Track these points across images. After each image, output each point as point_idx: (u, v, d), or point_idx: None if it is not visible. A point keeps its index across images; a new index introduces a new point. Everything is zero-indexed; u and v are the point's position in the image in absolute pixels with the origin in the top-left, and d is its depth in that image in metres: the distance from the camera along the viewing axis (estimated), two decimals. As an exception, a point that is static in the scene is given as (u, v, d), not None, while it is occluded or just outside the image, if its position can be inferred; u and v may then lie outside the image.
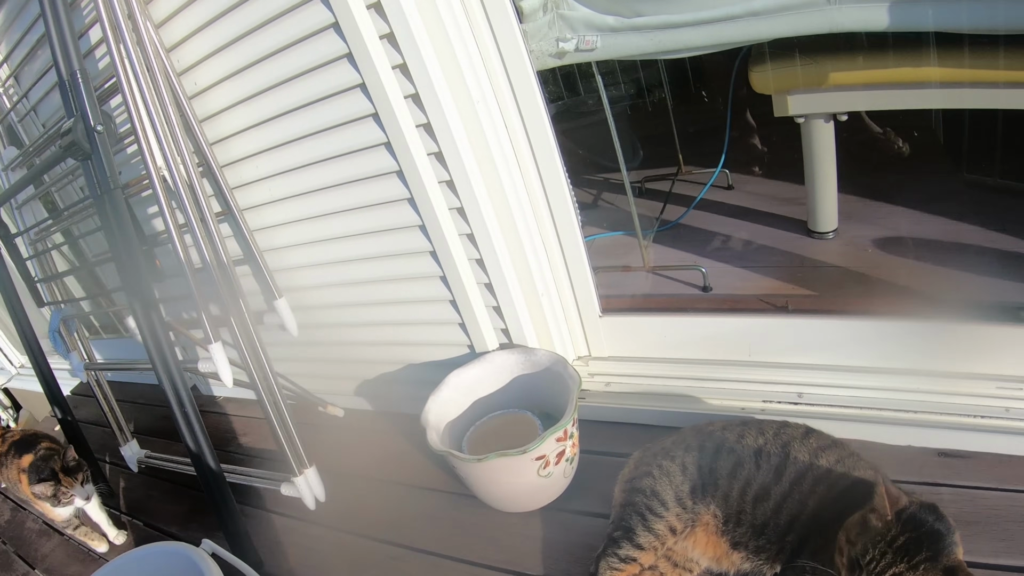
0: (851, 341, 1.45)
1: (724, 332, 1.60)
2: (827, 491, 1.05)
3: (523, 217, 1.56)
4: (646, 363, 1.70)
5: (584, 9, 1.51)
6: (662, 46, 1.47)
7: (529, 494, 1.42)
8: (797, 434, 1.17)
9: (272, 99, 1.53)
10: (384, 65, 1.34)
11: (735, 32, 1.38)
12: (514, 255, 1.58)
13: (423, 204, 1.49)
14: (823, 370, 1.47)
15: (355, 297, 1.80)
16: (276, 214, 1.75)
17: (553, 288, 1.68)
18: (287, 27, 1.39)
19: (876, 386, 1.39)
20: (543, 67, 1.60)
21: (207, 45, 1.54)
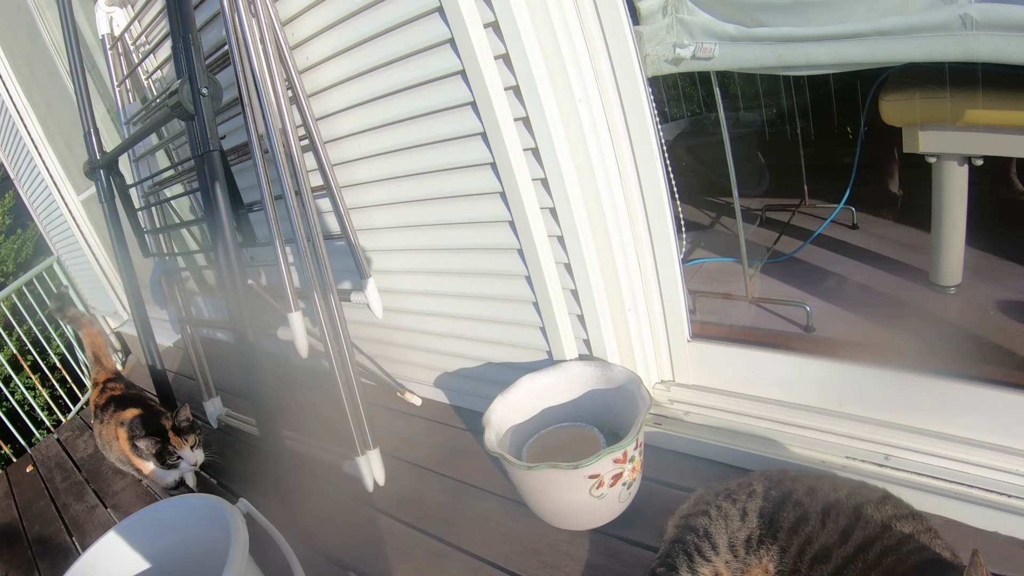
0: (952, 405, 1.29)
1: (816, 376, 1.47)
2: (895, 564, 0.94)
3: (617, 226, 1.49)
4: (729, 397, 1.59)
5: (704, 15, 1.42)
6: (783, 60, 1.35)
7: (580, 512, 1.36)
8: (873, 497, 1.07)
9: (379, 79, 1.54)
10: (486, 54, 1.32)
11: (861, 52, 1.25)
12: (604, 264, 1.51)
13: (514, 200, 1.46)
14: (916, 433, 1.32)
15: (440, 287, 1.80)
16: (373, 194, 1.77)
17: (643, 305, 1.60)
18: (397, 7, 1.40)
19: (971, 460, 1.24)
20: (658, 73, 1.53)
21: (321, 21, 1.58)
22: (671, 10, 1.46)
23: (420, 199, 1.67)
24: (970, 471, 1.21)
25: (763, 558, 1.05)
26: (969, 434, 1.27)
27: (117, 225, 1.98)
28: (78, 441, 2.85)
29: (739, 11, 1.38)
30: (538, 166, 1.42)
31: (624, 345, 1.60)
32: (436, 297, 1.86)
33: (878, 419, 1.39)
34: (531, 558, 1.39)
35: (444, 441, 1.88)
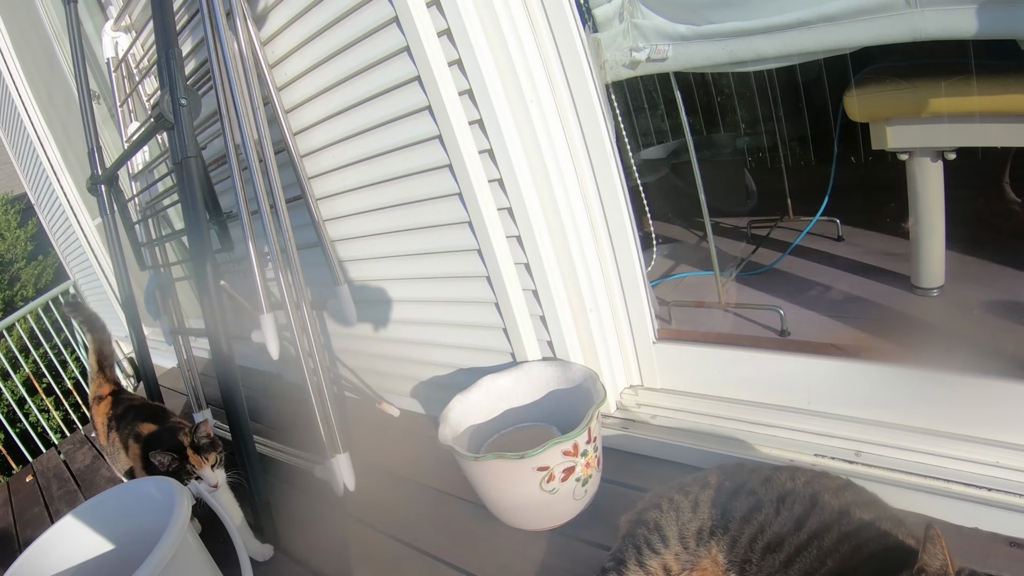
0: (927, 399, 1.27)
1: (783, 373, 1.46)
2: (852, 552, 0.91)
3: (574, 227, 1.53)
4: (697, 399, 1.59)
5: (657, 18, 1.48)
6: (734, 55, 1.39)
7: (533, 508, 1.36)
8: (832, 485, 1.04)
9: (347, 91, 1.64)
10: (439, 57, 1.40)
11: (809, 40, 1.28)
12: (563, 264, 1.55)
13: (471, 201, 1.51)
14: (888, 428, 1.30)
15: (409, 293, 1.85)
16: (345, 204, 1.85)
17: (605, 305, 1.62)
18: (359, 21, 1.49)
19: (947, 454, 1.20)
20: (617, 77, 1.59)
21: (295, 39, 1.67)
22: (626, 16, 1.52)
23: (386, 206, 1.74)
24: (947, 465, 1.18)
25: (712, 549, 1.03)
26: (945, 427, 1.24)
27: (116, 239, 2.08)
28: (77, 453, 2.95)
29: (689, 11, 1.43)
30: (493, 167, 1.47)
31: (588, 347, 1.62)
32: (406, 304, 1.91)
33: (848, 415, 1.37)
34: (487, 558, 1.39)
35: (418, 450, 1.90)
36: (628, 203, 1.55)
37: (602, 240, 1.57)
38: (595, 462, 1.38)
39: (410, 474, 1.79)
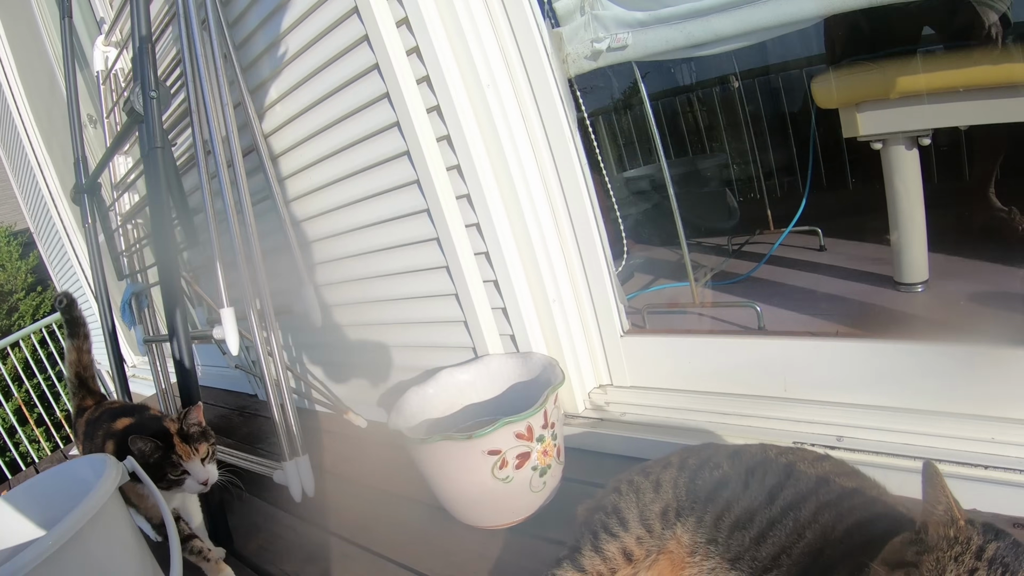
0: (911, 376, 1.20)
1: (757, 359, 1.41)
2: (835, 522, 0.83)
3: (535, 217, 1.52)
4: (668, 394, 1.53)
5: (616, 8, 1.49)
6: (692, 38, 1.39)
7: (487, 501, 1.29)
8: (809, 456, 0.97)
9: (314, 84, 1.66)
10: (390, 29, 1.42)
11: (766, 15, 1.28)
12: (524, 254, 1.53)
13: (429, 190, 1.51)
14: (871, 410, 1.23)
15: (372, 292, 1.84)
16: (314, 201, 1.85)
17: (569, 297, 1.59)
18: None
19: (937, 432, 1.13)
20: (580, 70, 1.59)
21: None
22: (587, 8, 1.54)
23: (349, 201, 1.76)
24: (938, 445, 1.11)
25: (677, 529, 0.95)
26: (933, 405, 1.17)
27: (96, 249, 2.10)
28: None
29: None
30: (452, 155, 1.47)
31: (553, 343, 1.58)
32: (368, 305, 1.89)
33: (827, 400, 1.31)
34: (440, 558, 1.32)
35: (382, 458, 1.85)
36: (592, 196, 1.54)
37: (565, 232, 1.56)
38: (554, 451, 1.31)
39: (371, 481, 1.74)
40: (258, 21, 1.71)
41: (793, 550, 0.82)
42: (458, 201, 1.51)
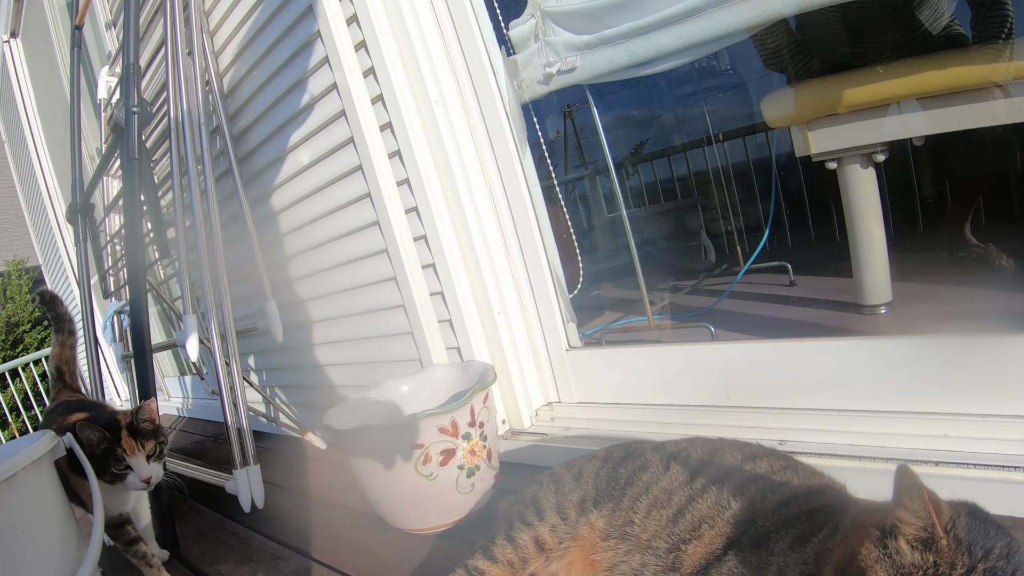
0: (858, 373, 1.21)
1: (698, 366, 1.43)
2: (765, 492, 0.81)
3: (482, 232, 1.59)
4: (612, 408, 1.56)
5: (565, 33, 1.59)
6: (635, 56, 1.47)
7: (413, 500, 1.30)
8: (737, 442, 0.95)
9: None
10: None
11: (703, 29, 1.34)
12: (469, 266, 1.59)
13: (379, 203, 1.59)
14: (814, 412, 1.24)
15: (328, 310, 1.92)
16: (283, 222, 1.96)
17: (515, 310, 1.64)
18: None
19: (886, 431, 1.12)
20: (533, 95, 1.68)
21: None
22: (540, 35, 1.63)
23: (312, 219, 1.86)
24: (886, 443, 1.09)
25: (591, 515, 0.93)
26: (880, 405, 1.17)
27: (85, 268, 2.21)
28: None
29: (591, 21, 1.54)
30: (401, 168, 1.56)
31: (497, 354, 1.61)
32: (327, 323, 1.97)
33: (769, 406, 1.33)
34: (368, 560, 1.34)
35: (335, 475, 1.88)
36: (539, 214, 1.61)
37: (512, 248, 1.62)
38: (483, 453, 1.33)
39: (319, 494, 1.78)
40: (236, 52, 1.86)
41: (716, 520, 0.81)
42: (407, 215, 1.59)
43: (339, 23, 1.53)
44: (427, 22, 1.54)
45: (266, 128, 1.87)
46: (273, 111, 1.81)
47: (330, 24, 1.52)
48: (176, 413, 3.53)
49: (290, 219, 1.91)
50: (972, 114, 1.43)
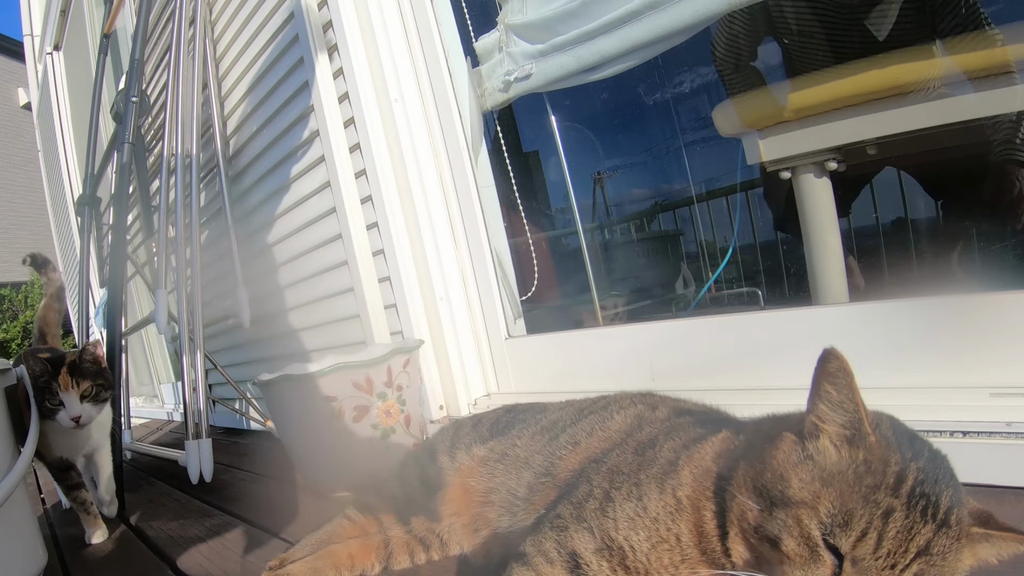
0: (775, 355, 1.25)
1: (626, 348, 1.49)
2: (654, 405, 0.85)
3: (429, 222, 1.71)
4: (546, 396, 1.58)
5: (524, 43, 1.72)
6: (582, 61, 1.58)
7: (330, 455, 1.37)
8: (645, 392, 0.96)
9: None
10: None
11: (642, 31, 1.44)
12: (416, 253, 1.69)
13: (336, 193, 1.72)
14: (732, 391, 1.26)
15: (289, 300, 2.07)
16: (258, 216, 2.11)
17: (459, 296, 1.73)
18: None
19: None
20: (495, 103, 1.81)
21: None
22: (503, 46, 1.77)
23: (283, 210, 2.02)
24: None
25: (473, 448, 0.98)
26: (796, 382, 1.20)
27: (87, 257, 2.40)
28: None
29: (544, 30, 1.67)
30: (360, 160, 1.70)
31: (438, 339, 1.69)
32: (288, 313, 2.10)
33: (694, 387, 1.34)
34: (280, 516, 1.38)
35: (281, 455, 1.94)
36: (484, 211, 1.74)
37: (460, 239, 1.72)
38: (400, 417, 1.39)
39: (264, 471, 1.86)
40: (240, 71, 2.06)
41: (596, 431, 0.83)
42: (362, 205, 1.72)
43: (316, 22, 1.72)
44: (395, 30, 1.71)
45: (250, 131, 2.05)
46: (256, 115, 2.00)
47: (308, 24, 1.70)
48: (167, 417, 3.68)
49: (263, 215, 2.06)
50: (919, 115, 1.44)
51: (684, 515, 0.63)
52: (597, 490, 0.70)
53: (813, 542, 0.53)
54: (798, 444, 0.58)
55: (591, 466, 0.77)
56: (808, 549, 0.53)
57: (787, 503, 0.55)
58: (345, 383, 1.32)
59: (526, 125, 2.57)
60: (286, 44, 1.82)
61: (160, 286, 1.83)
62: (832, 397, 0.56)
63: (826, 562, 0.53)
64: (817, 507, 0.54)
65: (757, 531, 0.57)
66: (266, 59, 1.92)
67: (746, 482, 0.59)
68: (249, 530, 1.35)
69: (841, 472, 0.55)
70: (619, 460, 0.74)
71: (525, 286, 1.84)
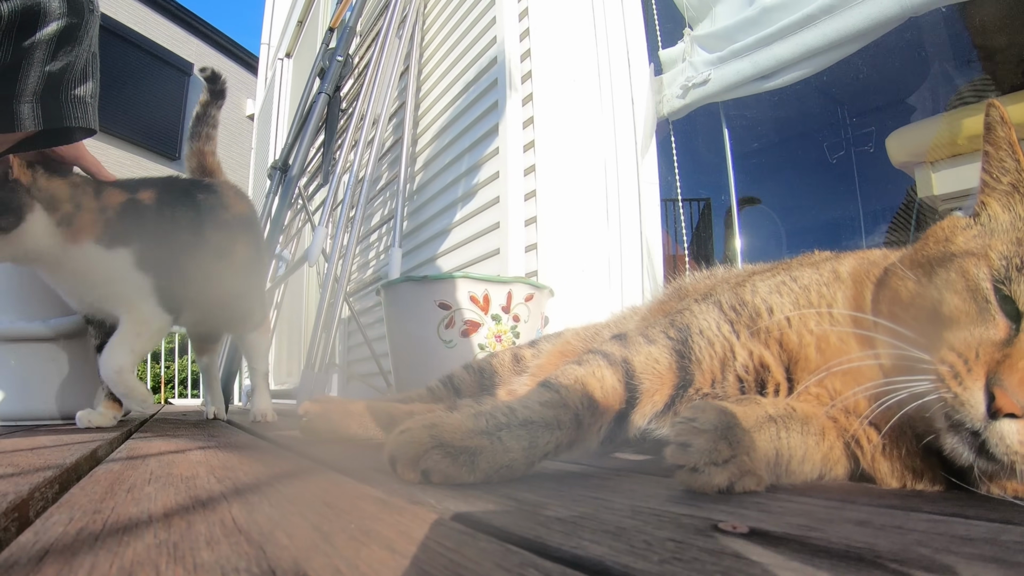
0: None
1: None
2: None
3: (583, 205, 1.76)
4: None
5: (704, 52, 1.79)
6: (759, 66, 1.62)
7: (429, 363, 1.39)
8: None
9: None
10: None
11: (816, 36, 1.47)
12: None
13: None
14: None
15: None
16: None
17: (602, 276, 1.74)
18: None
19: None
20: (672, 109, 1.88)
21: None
22: (686, 56, 1.85)
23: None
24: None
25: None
26: None
27: (268, 214, 2.69)
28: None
29: (724, 39, 1.74)
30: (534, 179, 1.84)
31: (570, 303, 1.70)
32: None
33: None
34: (342, 455, 1.40)
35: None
36: (640, 200, 1.76)
37: (612, 222, 1.76)
38: (510, 348, 1.39)
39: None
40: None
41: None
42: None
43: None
44: (585, 54, 1.91)
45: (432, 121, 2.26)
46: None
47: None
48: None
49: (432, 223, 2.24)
50: None
51: (842, 286, 0.60)
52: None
53: (981, 295, 0.47)
54: (963, 216, 0.55)
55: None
56: (975, 304, 0.47)
57: (950, 258, 0.50)
58: (462, 293, 1.35)
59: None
60: (484, 88, 2.05)
61: (323, 223, 2.02)
62: (992, 156, 0.52)
63: (998, 323, 0.46)
64: (988, 254, 0.48)
65: (912, 307, 0.52)
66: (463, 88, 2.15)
67: (904, 261, 0.55)
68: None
69: (1013, 226, 0.50)
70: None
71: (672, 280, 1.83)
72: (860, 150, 2.53)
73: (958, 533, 0.36)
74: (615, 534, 0.34)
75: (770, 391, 0.59)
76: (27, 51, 0.71)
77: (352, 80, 2.45)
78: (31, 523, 0.36)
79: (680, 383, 0.60)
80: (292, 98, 4.30)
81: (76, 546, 0.31)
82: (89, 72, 0.80)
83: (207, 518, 0.37)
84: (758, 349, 0.59)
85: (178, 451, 0.78)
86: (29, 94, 0.73)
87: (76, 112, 0.79)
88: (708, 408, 0.49)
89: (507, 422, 0.52)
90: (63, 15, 0.72)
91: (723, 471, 0.46)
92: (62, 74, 0.75)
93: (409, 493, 0.46)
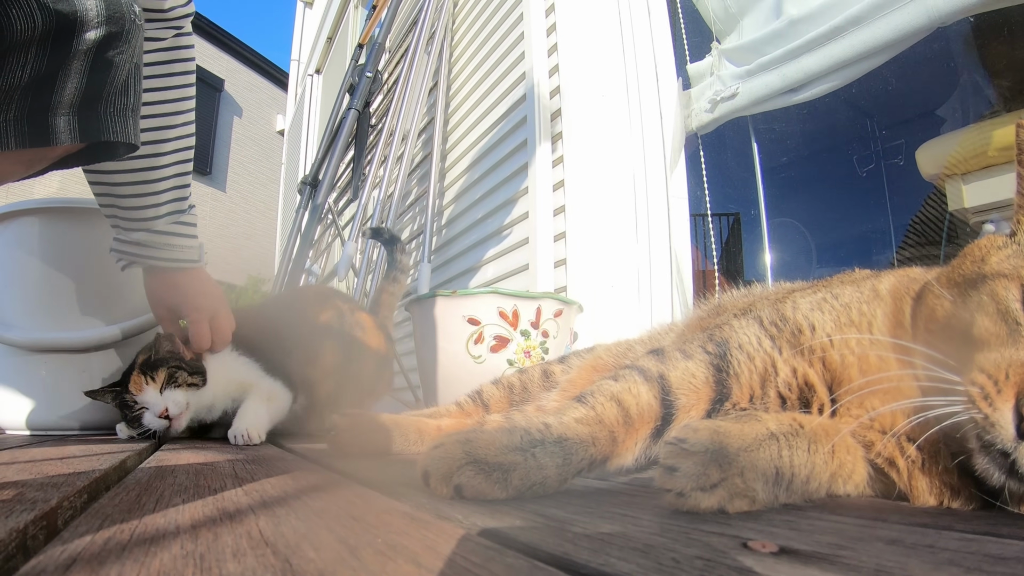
0: None
1: None
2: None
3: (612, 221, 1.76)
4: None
5: (732, 66, 1.79)
6: (786, 78, 1.62)
7: (459, 378, 1.40)
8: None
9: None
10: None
11: (844, 48, 1.47)
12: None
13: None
14: None
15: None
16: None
17: (631, 290, 1.72)
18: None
19: None
20: (700, 122, 1.87)
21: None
22: (714, 70, 1.85)
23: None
24: None
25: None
26: None
27: (297, 230, 2.73)
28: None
29: (753, 52, 1.75)
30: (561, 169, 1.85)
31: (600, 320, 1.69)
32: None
33: None
34: (373, 469, 1.41)
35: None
36: (668, 214, 1.76)
37: (642, 237, 1.76)
38: (539, 365, 1.38)
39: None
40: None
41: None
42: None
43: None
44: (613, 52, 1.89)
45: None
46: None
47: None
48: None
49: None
50: None
51: (882, 304, 0.60)
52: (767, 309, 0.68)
53: (1012, 317, 0.48)
54: (1002, 236, 0.56)
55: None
56: (1005, 326, 0.48)
57: (983, 279, 0.51)
58: (491, 308, 1.36)
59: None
60: (513, 103, 2.07)
61: (353, 238, 2.04)
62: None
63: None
64: (1021, 274, 0.49)
65: (946, 328, 0.52)
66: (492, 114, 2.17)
67: (941, 280, 0.56)
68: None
69: None
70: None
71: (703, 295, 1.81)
72: (890, 163, 2.52)
73: (991, 552, 0.36)
74: (643, 551, 0.34)
75: (814, 410, 0.58)
76: (64, 61, 0.67)
77: (381, 96, 2.48)
78: (59, 532, 0.37)
79: (717, 397, 0.60)
80: (322, 114, 4.37)
81: (103, 555, 0.32)
82: (131, 85, 0.77)
83: (234, 530, 0.38)
84: (802, 367, 0.59)
85: (206, 463, 0.79)
86: (66, 106, 0.70)
87: (116, 126, 0.75)
88: (701, 428, 0.48)
89: (541, 439, 0.52)
90: (101, 23, 0.68)
91: (711, 496, 0.46)
92: (101, 86, 0.72)
93: (436, 508, 0.46)
